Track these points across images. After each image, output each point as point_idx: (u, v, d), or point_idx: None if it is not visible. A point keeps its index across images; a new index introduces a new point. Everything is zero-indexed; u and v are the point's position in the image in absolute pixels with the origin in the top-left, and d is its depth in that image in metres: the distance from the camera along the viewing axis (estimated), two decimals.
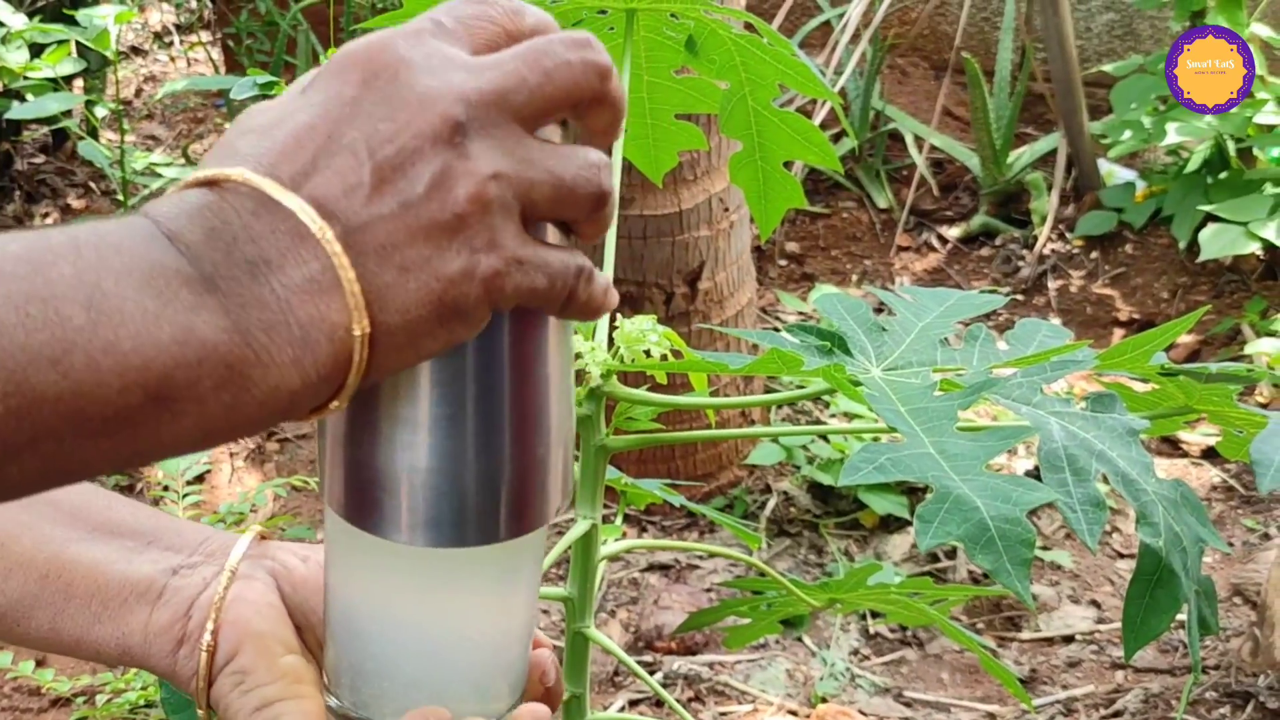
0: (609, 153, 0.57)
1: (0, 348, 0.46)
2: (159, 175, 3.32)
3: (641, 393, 1.08)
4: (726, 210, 2.89)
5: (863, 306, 0.99)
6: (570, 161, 0.55)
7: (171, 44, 4.93)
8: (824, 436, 3.07)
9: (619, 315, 1.12)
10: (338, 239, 0.50)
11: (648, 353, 1.06)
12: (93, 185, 4.17)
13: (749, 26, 1.33)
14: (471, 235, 0.52)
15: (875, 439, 0.97)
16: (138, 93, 4.76)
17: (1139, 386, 1.08)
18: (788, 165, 1.38)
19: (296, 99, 0.53)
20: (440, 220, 0.52)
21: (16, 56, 3.08)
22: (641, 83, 1.38)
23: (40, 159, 4.24)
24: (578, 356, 1.07)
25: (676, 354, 1.10)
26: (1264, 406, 3.36)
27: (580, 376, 1.07)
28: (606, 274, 0.58)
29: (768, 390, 3.12)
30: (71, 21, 3.13)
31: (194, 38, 4.84)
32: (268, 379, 0.50)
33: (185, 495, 2.70)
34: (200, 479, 3.01)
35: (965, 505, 0.79)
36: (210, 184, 0.51)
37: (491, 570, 0.57)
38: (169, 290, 0.49)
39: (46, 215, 4.02)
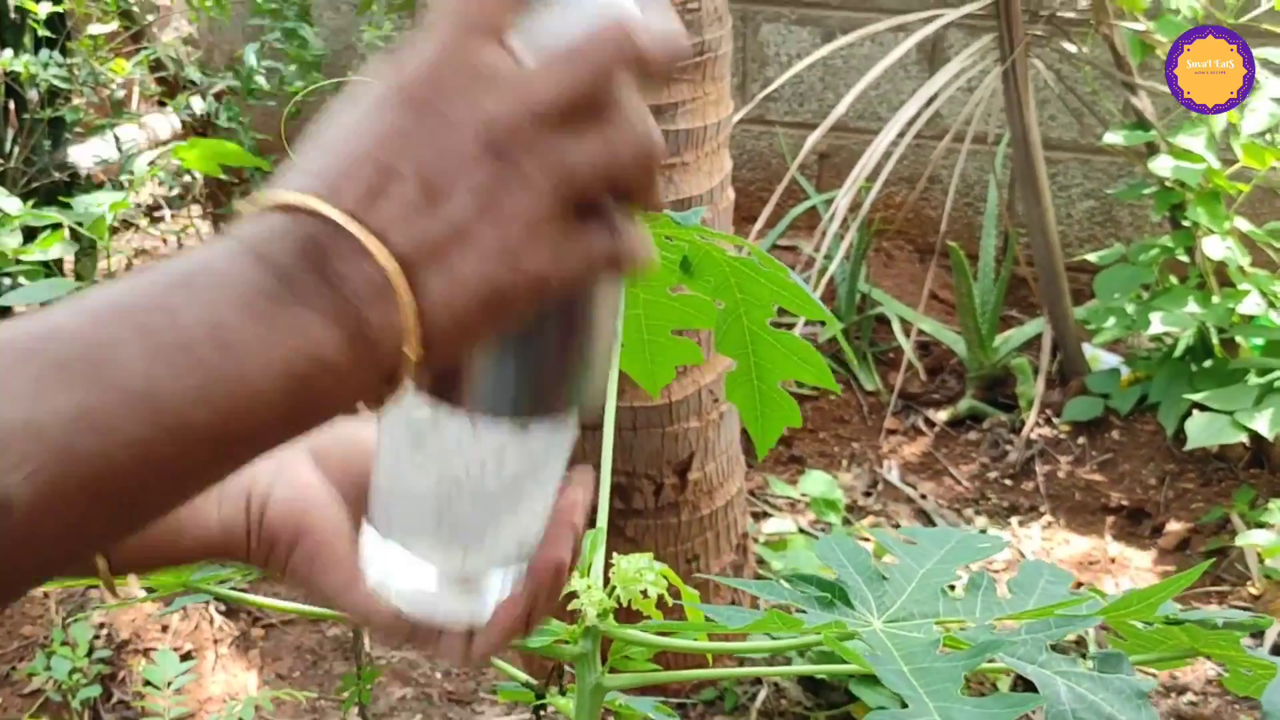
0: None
1: (164, 396, 0.54)
2: None
3: (638, 633, 1.06)
4: (716, 401, 2.90)
5: (863, 553, 0.98)
6: (618, 137, 0.59)
7: (162, 219, 4.96)
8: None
9: (614, 554, 1.12)
10: (394, 257, 0.57)
11: (644, 592, 1.05)
12: None
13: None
14: (512, 242, 0.58)
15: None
16: (128, 266, 4.79)
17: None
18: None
19: (358, 120, 0.59)
20: (488, 235, 0.58)
21: (10, 240, 3.11)
22: (638, 300, 1.39)
23: None
24: (574, 596, 1.06)
25: (674, 592, 1.08)
26: (1256, 599, 3.34)
27: (575, 616, 1.06)
28: (637, 230, 0.63)
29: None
30: (66, 205, 3.16)
31: (185, 213, 4.86)
32: (360, 381, 0.58)
33: (170, 683, 2.65)
34: (186, 657, 2.96)
35: None
36: (287, 209, 0.58)
37: (533, 443, 0.68)
38: (278, 315, 0.56)
39: None
